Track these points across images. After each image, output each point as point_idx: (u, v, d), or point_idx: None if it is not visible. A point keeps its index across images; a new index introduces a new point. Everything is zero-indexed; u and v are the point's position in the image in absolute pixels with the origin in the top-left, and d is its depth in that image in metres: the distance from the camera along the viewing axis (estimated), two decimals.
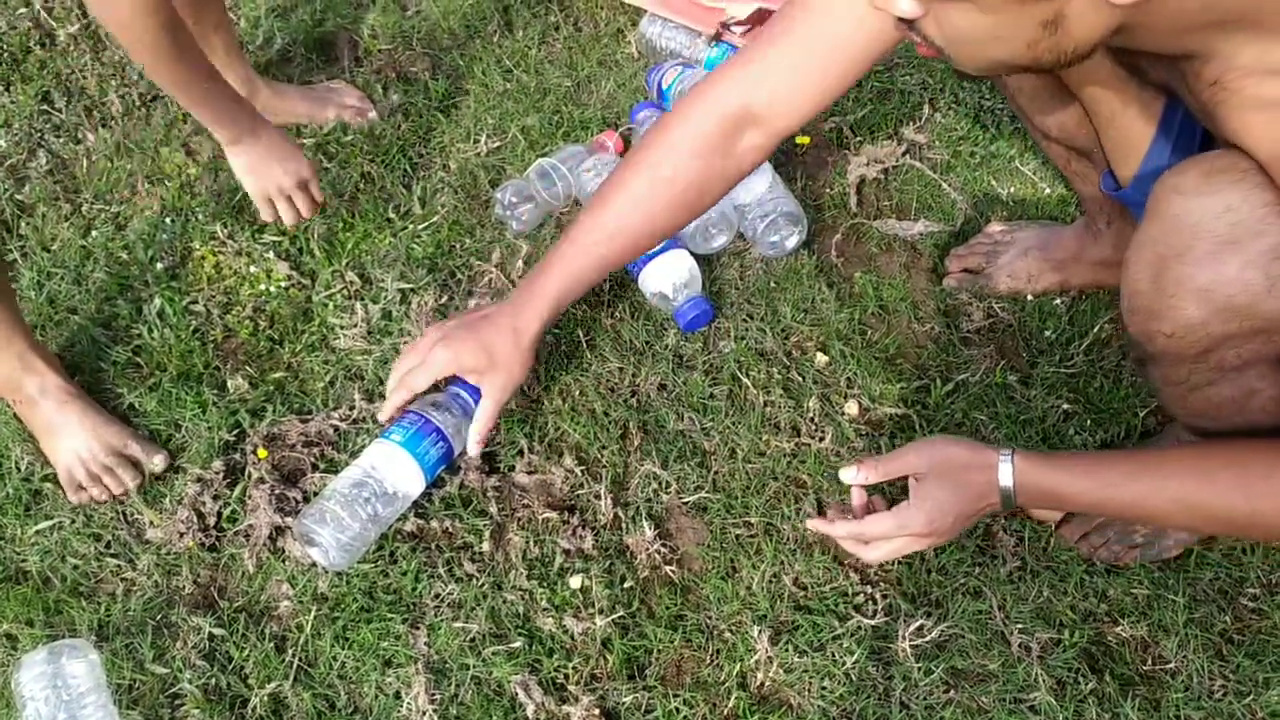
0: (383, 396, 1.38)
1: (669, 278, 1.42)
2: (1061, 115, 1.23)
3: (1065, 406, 1.35)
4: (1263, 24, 0.81)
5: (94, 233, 1.60)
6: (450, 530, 1.27)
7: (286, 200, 1.47)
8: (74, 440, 1.32)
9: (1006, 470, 1.03)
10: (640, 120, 1.63)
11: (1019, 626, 1.19)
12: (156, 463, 1.33)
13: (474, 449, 1.25)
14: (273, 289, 1.51)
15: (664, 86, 1.65)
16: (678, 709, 1.15)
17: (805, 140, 1.65)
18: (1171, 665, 1.18)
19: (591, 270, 1.22)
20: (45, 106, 1.78)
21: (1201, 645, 1.19)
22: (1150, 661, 1.18)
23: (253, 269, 1.53)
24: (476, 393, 1.26)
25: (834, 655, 1.18)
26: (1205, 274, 0.89)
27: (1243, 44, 0.82)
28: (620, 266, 1.25)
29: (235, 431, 1.36)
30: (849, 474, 1.11)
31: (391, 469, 1.22)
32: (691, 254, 1.46)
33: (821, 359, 1.41)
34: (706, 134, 1.14)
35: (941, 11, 0.81)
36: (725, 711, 1.16)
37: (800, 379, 1.39)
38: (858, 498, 1.13)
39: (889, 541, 1.09)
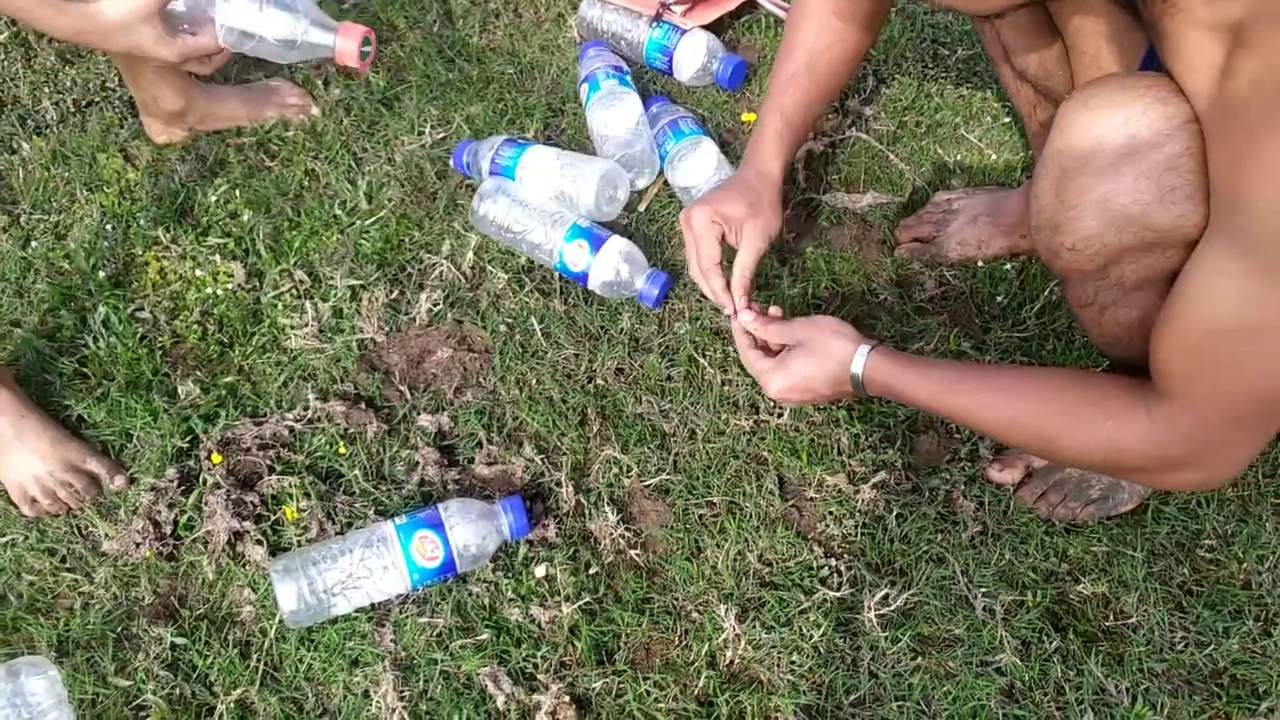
0: (337, 395, 1.37)
1: (610, 264, 1.41)
2: (1043, 53, 1.24)
3: None
4: None
5: (34, 243, 1.57)
6: None
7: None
8: (31, 457, 1.30)
9: (860, 361, 1.13)
10: (591, 55, 1.68)
11: (982, 590, 1.20)
12: (117, 483, 1.31)
13: (741, 302, 1.25)
14: (220, 292, 1.48)
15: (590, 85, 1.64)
16: (648, 692, 1.15)
17: (751, 117, 1.65)
18: (1133, 620, 1.19)
19: (795, 106, 1.28)
20: None
21: (1161, 599, 1.20)
22: (1112, 617, 1.20)
23: (198, 272, 1.50)
24: (522, 511, 1.22)
25: (801, 629, 1.18)
26: (1103, 184, 0.92)
27: None
28: (817, 100, 1.30)
29: (188, 438, 1.34)
30: (747, 318, 1.23)
31: (376, 571, 1.19)
32: (621, 237, 1.45)
33: None
34: None
35: None
36: (696, 692, 1.16)
37: None
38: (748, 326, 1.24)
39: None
